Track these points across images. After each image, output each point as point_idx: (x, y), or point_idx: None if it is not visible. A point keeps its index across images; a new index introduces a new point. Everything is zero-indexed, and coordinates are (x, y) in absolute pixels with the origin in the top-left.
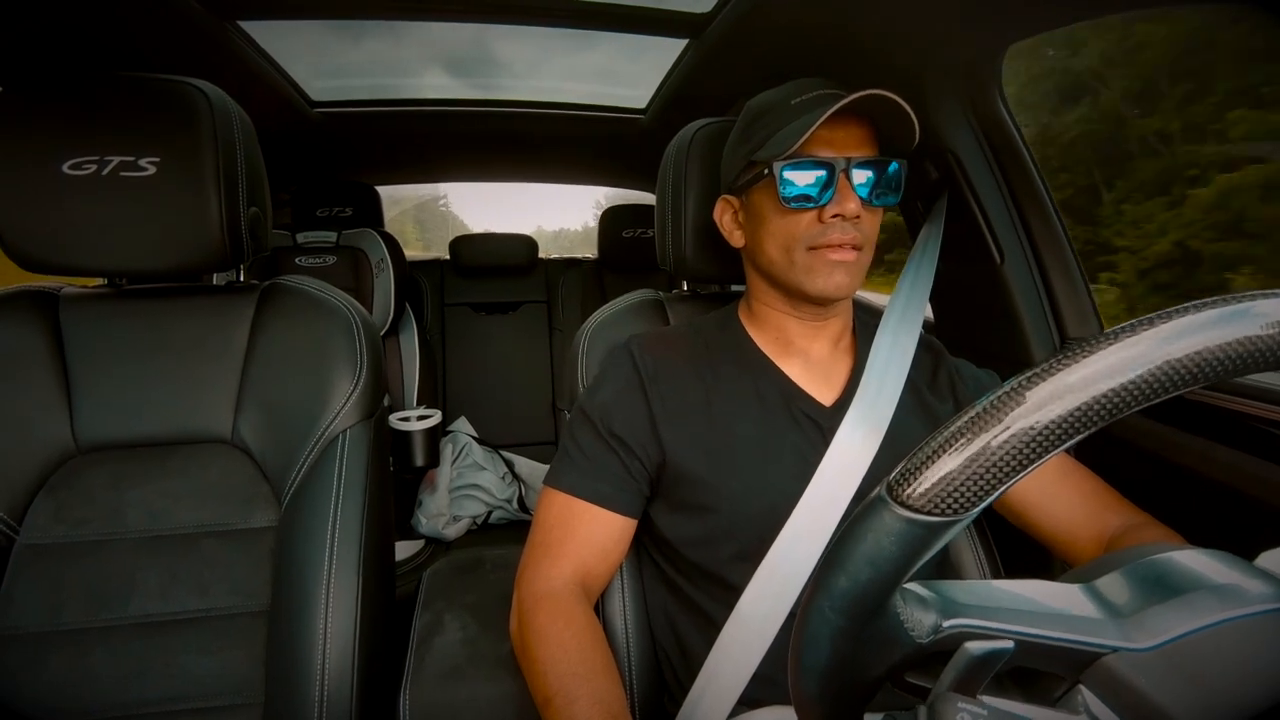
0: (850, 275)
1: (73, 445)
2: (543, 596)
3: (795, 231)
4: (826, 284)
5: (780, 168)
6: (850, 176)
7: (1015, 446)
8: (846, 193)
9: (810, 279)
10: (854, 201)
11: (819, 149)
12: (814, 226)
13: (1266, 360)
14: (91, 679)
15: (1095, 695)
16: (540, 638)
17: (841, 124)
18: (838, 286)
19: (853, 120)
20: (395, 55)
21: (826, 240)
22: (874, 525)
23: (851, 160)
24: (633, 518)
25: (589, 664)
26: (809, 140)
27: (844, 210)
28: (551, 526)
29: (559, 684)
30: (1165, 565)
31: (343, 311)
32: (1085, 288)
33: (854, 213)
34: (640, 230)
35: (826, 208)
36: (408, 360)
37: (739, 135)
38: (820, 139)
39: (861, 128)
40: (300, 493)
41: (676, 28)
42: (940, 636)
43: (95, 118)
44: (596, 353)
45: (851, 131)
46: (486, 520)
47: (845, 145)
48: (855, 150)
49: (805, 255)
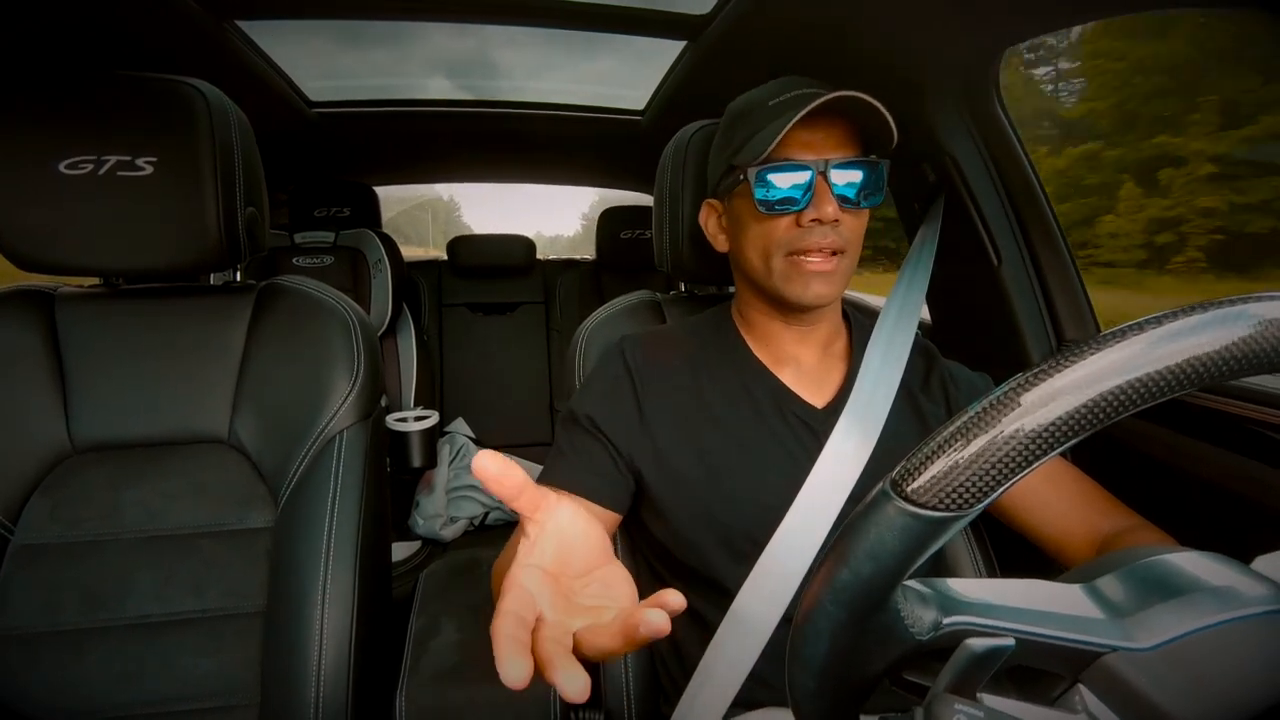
0: (829, 284)
1: (68, 445)
2: None
3: (773, 237)
4: (804, 293)
5: (755, 173)
6: (829, 179)
7: (1020, 443)
8: (824, 196)
9: (788, 286)
10: (832, 205)
11: (796, 151)
12: (791, 231)
13: (1262, 363)
14: (87, 679)
15: (1094, 694)
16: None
17: (821, 124)
18: (816, 296)
19: (834, 120)
20: (393, 56)
21: (804, 246)
22: (877, 520)
23: (830, 161)
24: (618, 512)
25: None
26: (786, 142)
27: (821, 215)
28: None
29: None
30: (1165, 566)
31: (340, 312)
32: (1082, 290)
33: (832, 217)
34: (638, 231)
35: (804, 212)
36: (405, 361)
37: (721, 138)
38: (797, 141)
39: (842, 127)
40: (297, 493)
41: (675, 29)
42: (941, 634)
43: (92, 117)
44: (594, 353)
45: (831, 132)
46: (483, 521)
47: (824, 146)
48: (834, 151)
49: (783, 262)
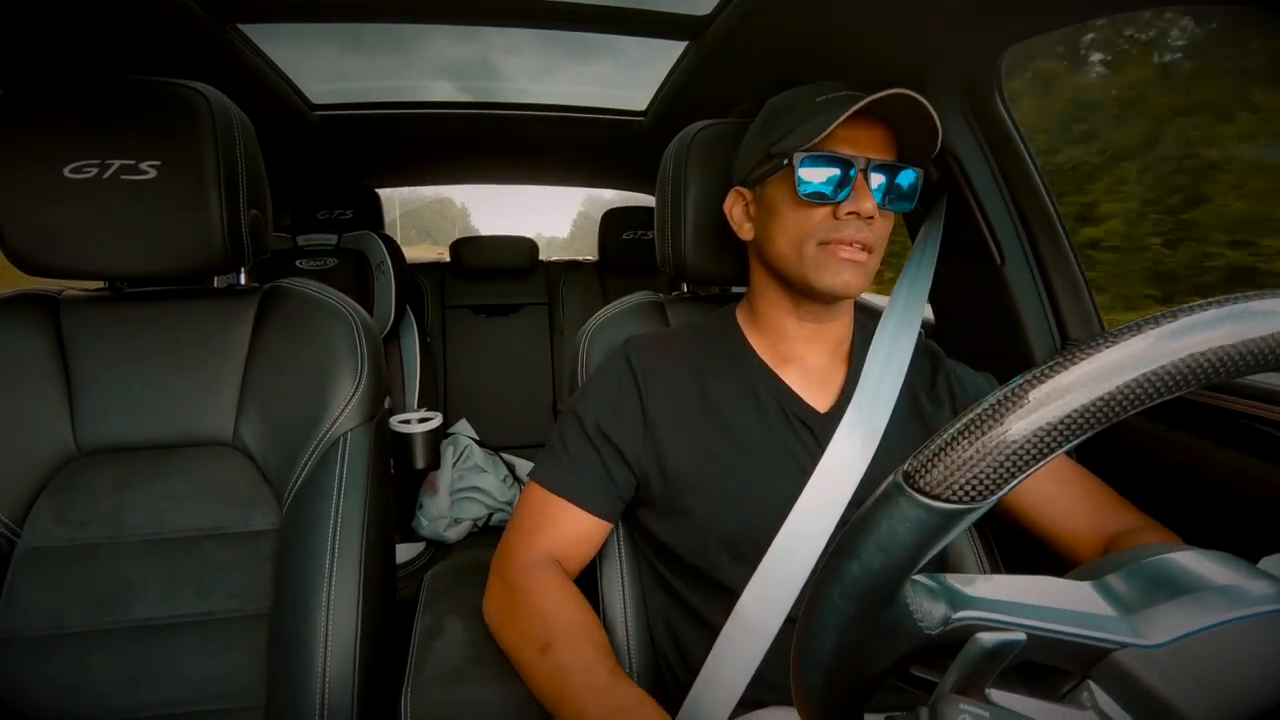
0: (858, 275)
1: (74, 448)
2: (530, 566)
3: (809, 226)
4: (835, 280)
5: (800, 159)
6: (868, 177)
7: (1036, 434)
8: (864, 191)
9: (819, 274)
10: (871, 201)
11: (840, 146)
12: (828, 222)
13: (1270, 360)
14: (92, 682)
15: (1104, 691)
16: (539, 594)
17: (864, 126)
18: (846, 284)
19: (875, 124)
20: (395, 58)
21: (840, 236)
22: (889, 512)
23: (871, 161)
24: (606, 520)
25: (588, 617)
26: (831, 137)
27: (860, 209)
28: (531, 515)
29: (561, 629)
30: (1173, 565)
31: (344, 314)
32: (1086, 289)
33: (869, 212)
34: (641, 232)
35: (842, 204)
36: (409, 363)
37: (758, 128)
38: (842, 137)
39: (883, 132)
40: (301, 495)
41: (676, 30)
42: (950, 628)
43: (96, 121)
44: (597, 354)
45: (873, 134)
46: (487, 523)
47: (866, 146)
48: (875, 152)
49: (816, 250)
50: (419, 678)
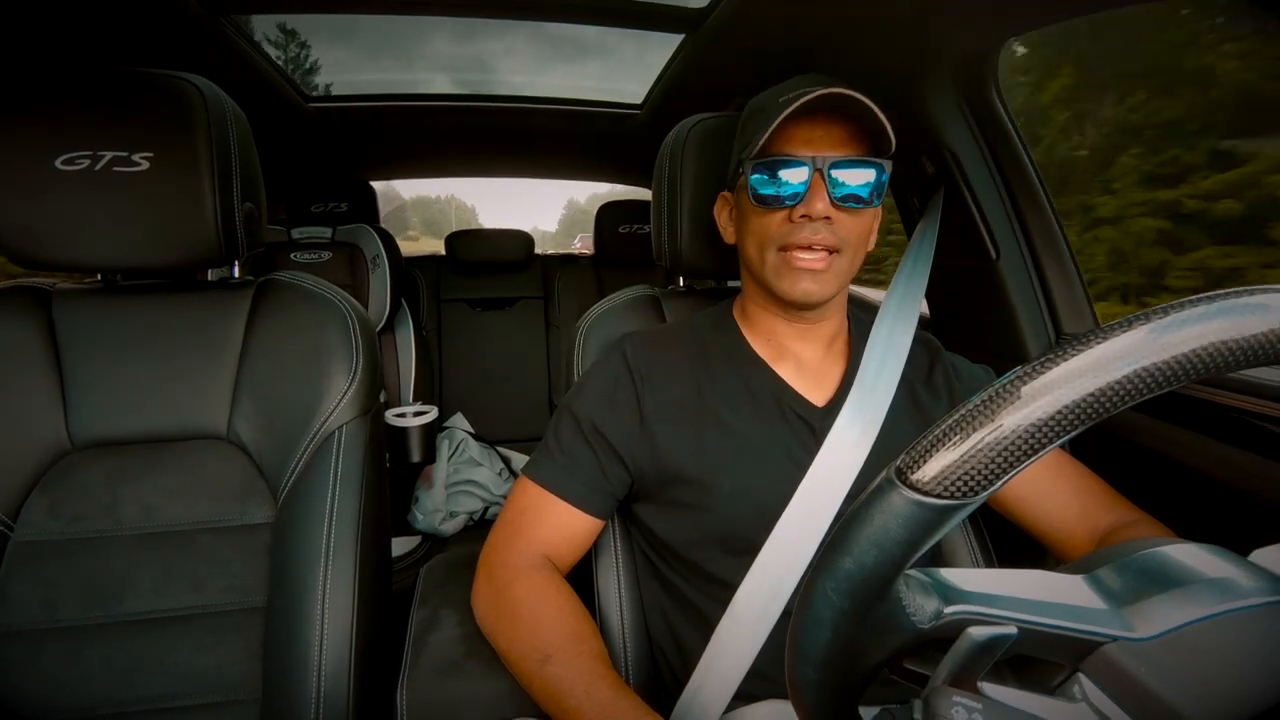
0: (819, 283)
1: (67, 442)
2: (520, 569)
3: (768, 231)
4: (793, 289)
5: (751, 166)
6: (826, 176)
7: (1028, 429)
8: (817, 192)
9: (779, 283)
10: (822, 202)
11: (796, 148)
12: (784, 226)
13: (1266, 354)
14: (87, 676)
15: (1094, 683)
16: (536, 599)
17: (824, 123)
18: (805, 293)
19: (837, 119)
20: (390, 51)
21: (795, 241)
22: (881, 507)
23: (829, 160)
24: (599, 518)
25: (585, 625)
26: (788, 138)
27: (810, 211)
28: (523, 510)
29: (560, 641)
30: (1164, 558)
31: (338, 307)
32: (1081, 284)
33: (821, 214)
34: (637, 226)
35: (795, 208)
36: (404, 356)
37: (738, 131)
38: (799, 137)
39: (845, 128)
40: (296, 489)
41: (673, 23)
42: (942, 622)
43: (88, 113)
44: (593, 347)
45: (833, 131)
46: (483, 516)
47: (824, 144)
48: (835, 150)
49: (775, 256)
50: (415, 670)
